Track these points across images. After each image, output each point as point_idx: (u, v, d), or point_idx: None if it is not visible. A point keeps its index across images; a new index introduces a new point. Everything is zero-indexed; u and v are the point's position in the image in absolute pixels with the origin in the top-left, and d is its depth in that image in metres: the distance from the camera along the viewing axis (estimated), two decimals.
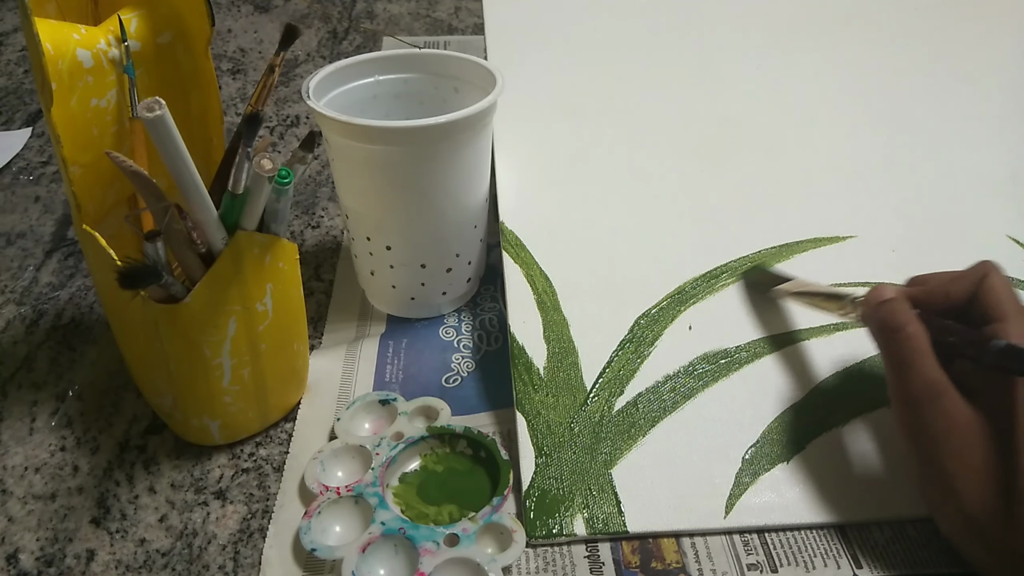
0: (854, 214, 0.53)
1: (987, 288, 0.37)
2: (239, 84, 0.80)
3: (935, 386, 0.35)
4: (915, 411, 0.35)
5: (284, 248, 0.40)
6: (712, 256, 0.50)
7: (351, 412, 0.45)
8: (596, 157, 0.56)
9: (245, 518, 0.40)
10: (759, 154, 0.57)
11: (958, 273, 0.39)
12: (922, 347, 0.36)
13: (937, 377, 0.35)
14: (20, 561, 0.38)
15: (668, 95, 0.60)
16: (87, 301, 0.54)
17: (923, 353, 0.36)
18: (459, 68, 0.50)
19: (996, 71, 0.63)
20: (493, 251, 0.55)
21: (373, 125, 0.43)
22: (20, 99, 0.78)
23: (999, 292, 0.37)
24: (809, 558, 0.38)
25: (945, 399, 0.35)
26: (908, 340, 0.36)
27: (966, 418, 0.34)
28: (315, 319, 0.52)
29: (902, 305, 0.38)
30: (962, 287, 0.38)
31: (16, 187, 0.65)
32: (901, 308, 0.38)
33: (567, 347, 0.46)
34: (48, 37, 0.37)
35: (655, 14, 0.66)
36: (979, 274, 0.38)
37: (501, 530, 0.38)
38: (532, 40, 0.63)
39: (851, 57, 0.63)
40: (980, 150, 0.57)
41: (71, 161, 0.38)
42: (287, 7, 0.95)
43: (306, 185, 0.66)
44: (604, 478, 0.40)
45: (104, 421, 0.45)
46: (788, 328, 0.47)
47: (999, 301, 0.36)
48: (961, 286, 0.38)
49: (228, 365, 0.40)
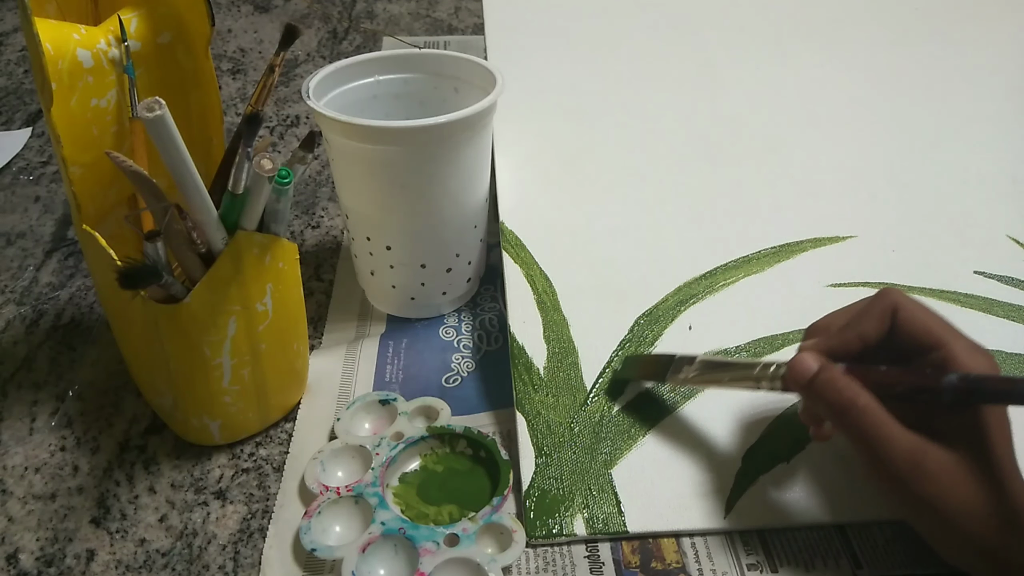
0: (854, 214, 0.53)
1: (905, 319, 0.35)
2: (239, 84, 0.80)
3: (913, 454, 0.32)
4: (899, 484, 0.33)
5: (284, 248, 0.40)
6: (712, 256, 0.50)
7: (351, 412, 0.45)
8: (596, 157, 0.56)
9: (245, 518, 0.40)
10: (759, 154, 0.57)
11: (861, 310, 0.36)
12: (880, 418, 0.33)
13: (910, 445, 0.33)
14: (20, 561, 0.38)
15: (668, 95, 0.60)
16: (87, 301, 0.54)
17: (884, 424, 0.33)
18: (459, 68, 0.50)
19: (996, 71, 0.63)
20: (493, 251, 0.55)
21: (373, 125, 0.43)
22: (20, 99, 0.78)
23: (920, 319, 0.35)
24: (809, 558, 0.38)
25: (927, 462, 0.32)
26: (863, 416, 0.33)
27: (951, 469, 0.32)
28: (315, 319, 0.52)
29: (838, 378, 0.34)
30: (875, 325, 0.35)
31: (16, 187, 0.65)
32: (838, 382, 0.34)
33: (567, 347, 0.46)
34: (48, 37, 0.37)
35: (655, 14, 0.66)
36: (887, 307, 0.35)
37: (501, 530, 0.38)
38: (532, 40, 0.63)
39: (851, 57, 0.63)
40: (980, 150, 0.57)
41: (71, 161, 0.38)
42: (287, 7, 0.95)
43: (306, 185, 0.66)
44: (604, 478, 0.40)
45: (104, 421, 0.45)
46: (784, 330, 0.47)
47: (926, 329, 0.34)
48: (874, 324, 0.35)
49: (228, 365, 0.40)
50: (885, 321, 0.35)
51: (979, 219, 0.53)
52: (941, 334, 0.34)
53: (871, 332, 0.36)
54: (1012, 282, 0.49)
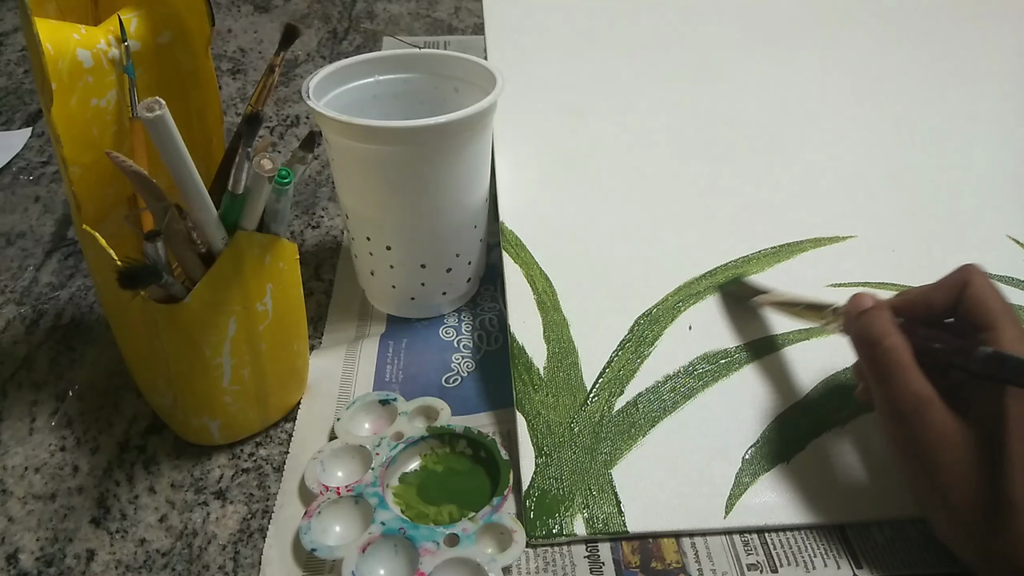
0: (854, 214, 0.53)
1: (971, 295, 0.36)
2: (239, 84, 0.80)
3: (919, 399, 0.34)
4: (901, 424, 0.35)
5: (284, 248, 0.40)
6: (712, 256, 0.50)
7: (351, 412, 0.45)
8: (596, 157, 0.56)
9: (245, 518, 0.40)
10: (759, 154, 0.57)
11: (939, 281, 0.38)
12: (903, 359, 0.35)
13: (921, 390, 0.34)
14: (20, 561, 0.38)
15: (668, 95, 0.60)
16: (87, 301, 0.54)
17: (904, 366, 0.35)
18: (459, 68, 0.50)
19: (996, 71, 0.63)
20: (493, 251, 0.55)
21: (373, 125, 0.43)
22: (20, 99, 0.78)
23: (984, 298, 0.36)
24: (809, 558, 0.38)
25: (930, 411, 0.34)
26: (888, 352, 0.35)
27: (952, 429, 0.33)
28: (315, 319, 0.52)
29: (881, 316, 0.37)
30: (944, 295, 0.37)
31: (16, 187, 0.65)
32: (880, 319, 0.37)
33: (567, 347, 0.46)
34: (48, 37, 0.37)
35: (655, 14, 0.66)
36: (960, 281, 0.37)
37: (501, 530, 0.38)
38: (532, 40, 0.63)
39: (851, 57, 0.63)
40: (980, 150, 0.57)
41: (71, 161, 0.38)
42: (287, 7, 0.95)
43: (306, 185, 0.66)
44: (604, 478, 0.40)
45: (104, 421, 0.45)
46: (784, 330, 0.47)
47: (985, 308, 0.35)
48: (943, 294, 0.37)
49: (228, 365, 0.40)
50: (954, 293, 0.37)
51: (979, 219, 0.53)
52: (997, 317, 0.35)
53: (938, 300, 0.37)
54: (1012, 282, 0.49)
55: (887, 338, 0.36)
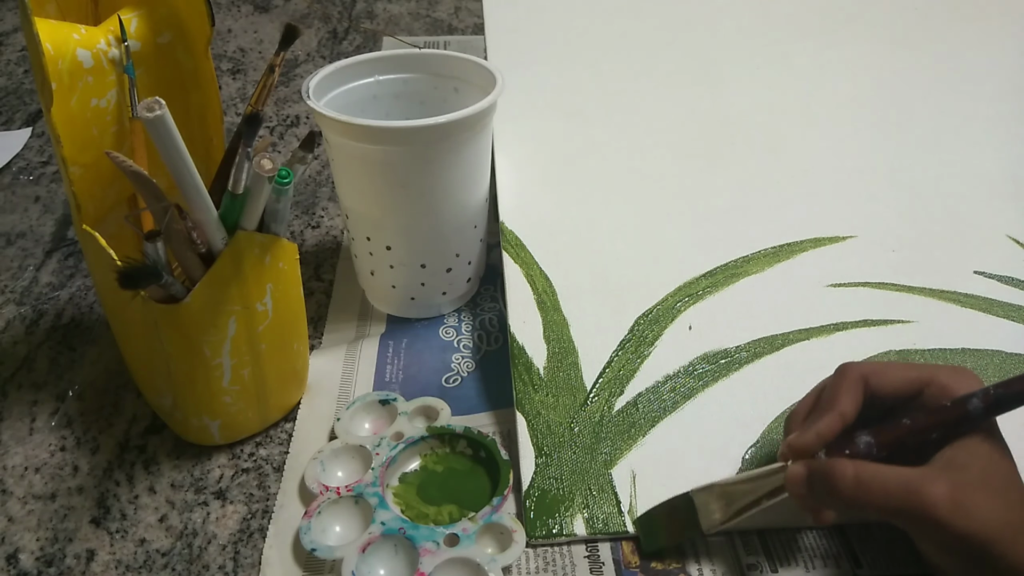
0: (854, 214, 0.53)
1: (882, 381, 0.35)
2: (239, 84, 0.80)
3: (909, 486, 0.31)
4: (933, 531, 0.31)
5: (284, 248, 0.40)
6: (712, 256, 0.50)
7: (351, 412, 0.45)
8: (596, 157, 0.56)
9: (245, 518, 0.40)
10: (759, 154, 0.57)
11: (830, 395, 0.36)
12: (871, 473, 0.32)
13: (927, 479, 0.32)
14: (20, 561, 0.38)
15: (668, 95, 0.60)
16: (87, 301, 0.54)
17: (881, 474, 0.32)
18: (459, 68, 0.50)
19: (996, 71, 0.63)
20: (493, 251, 0.55)
21: (373, 125, 0.43)
22: (20, 99, 0.78)
23: (897, 373, 0.35)
24: (809, 558, 0.38)
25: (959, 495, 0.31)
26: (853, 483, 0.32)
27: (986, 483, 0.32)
28: (315, 319, 0.52)
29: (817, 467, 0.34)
30: (851, 399, 0.35)
31: (16, 187, 0.65)
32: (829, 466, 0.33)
33: (567, 347, 0.46)
34: (48, 37, 0.37)
35: (655, 14, 0.66)
36: (857, 378, 0.35)
37: (501, 530, 0.38)
38: (532, 40, 0.63)
39: (851, 57, 0.63)
40: (980, 150, 0.57)
41: (71, 161, 0.38)
42: (287, 7, 0.95)
43: (306, 185, 0.66)
44: (604, 478, 0.40)
45: (104, 421, 0.45)
46: (784, 330, 0.47)
47: (905, 377, 0.35)
48: (849, 399, 0.35)
49: (228, 365, 0.40)
50: (859, 393, 0.35)
51: (979, 219, 0.53)
52: (921, 374, 0.35)
53: (849, 407, 0.35)
54: (1012, 282, 0.49)
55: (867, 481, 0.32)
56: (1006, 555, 0.30)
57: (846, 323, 0.46)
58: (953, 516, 0.31)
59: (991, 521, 0.31)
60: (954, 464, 0.32)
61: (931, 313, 0.48)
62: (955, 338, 0.46)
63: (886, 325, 0.47)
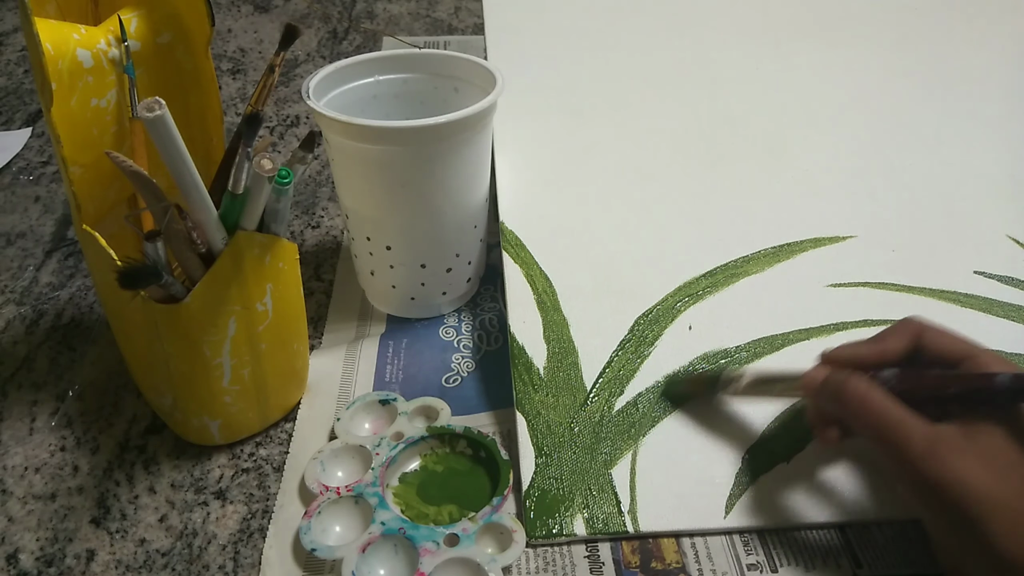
0: (854, 214, 0.53)
1: (934, 339, 0.37)
2: (239, 84, 0.80)
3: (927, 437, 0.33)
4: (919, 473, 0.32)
5: (284, 248, 0.40)
6: (712, 256, 0.50)
7: (351, 412, 0.45)
8: (596, 157, 0.56)
9: (245, 518, 0.40)
10: (759, 154, 0.57)
11: (884, 332, 0.38)
12: (878, 396, 0.34)
13: (920, 423, 0.33)
14: (20, 561, 0.38)
15: (668, 95, 0.60)
16: (87, 301, 0.54)
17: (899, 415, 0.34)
18: (459, 68, 0.50)
19: (996, 71, 0.63)
20: (493, 251, 0.55)
21: (373, 125, 0.43)
22: (20, 99, 0.78)
23: (949, 337, 0.37)
24: (809, 558, 0.38)
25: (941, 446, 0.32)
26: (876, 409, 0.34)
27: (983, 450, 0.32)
28: (315, 319, 0.52)
29: (853, 379, 0.36)
30: (896, 343, 0.37)
31: (16, 187, 0.66)
32: (853, 382, 0.35)
33: (567, 347, 0.46)
34: (48, 37, 0.37)
35: (655, 14, 0.66)
36: (911, 330, 0.37)
37: (501, 530, 0.38)
38: (532, 40, 0.63)
39: (851, 57, 0.63)
40: (980, 150, 0.57)
41: (71, 161, 0.38)
42: (287, 7, 0.95)
43: (306, 185, 0.66)
44: (604, 478, 0.40)
45: (104, 421, 0.45)
46: (784, 330, 0.47)
47: (953, 344, 0.36)
48: (895, 342, 0.37)
49: (228, 365, 0.40)
50: (908, 342, 0.37)
51: (979, 219, 0.53)
52: (968, 348, 0.36)
53: (892, 349, 0.37)
54: (1012, 282, 0.49)
55: (870, 399, 0.35)
56: (989, 524, 0.31)
57: (846, 323, 0.46)
58: (924, 458, 0.32)
59: (972, 481, 0.31)
60: (962, 429, 0.33)
61: (931, 313, 0.47)
62: None
63: (886, 325, 0.47)
